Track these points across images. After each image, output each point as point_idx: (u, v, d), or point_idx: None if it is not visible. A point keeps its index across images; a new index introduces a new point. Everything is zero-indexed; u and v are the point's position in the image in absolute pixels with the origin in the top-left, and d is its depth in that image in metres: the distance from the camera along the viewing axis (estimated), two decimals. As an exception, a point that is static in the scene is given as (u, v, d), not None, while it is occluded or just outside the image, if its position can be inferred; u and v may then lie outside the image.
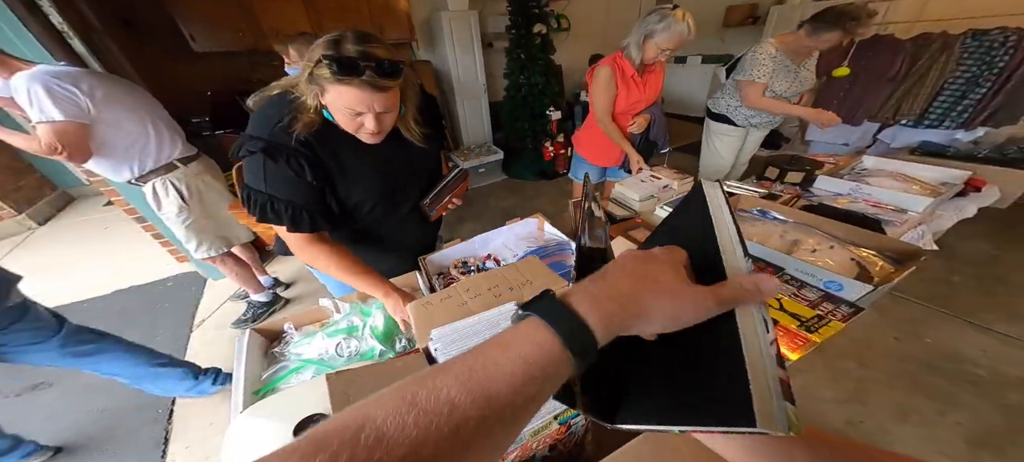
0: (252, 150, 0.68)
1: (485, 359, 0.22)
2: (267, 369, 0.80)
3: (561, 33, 4.14)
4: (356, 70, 0.60)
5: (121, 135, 1.39)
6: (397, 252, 1.03)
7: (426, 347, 0.62)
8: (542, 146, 3.55)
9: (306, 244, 0.79)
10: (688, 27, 1.33)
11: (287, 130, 0.68)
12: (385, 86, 0.64)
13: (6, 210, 3.12)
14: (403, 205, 0.95)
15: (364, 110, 0.66)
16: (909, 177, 1.37)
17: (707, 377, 0.24)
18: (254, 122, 0.72)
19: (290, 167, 0.69)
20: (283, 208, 0.72)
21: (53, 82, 1.20)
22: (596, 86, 1.59)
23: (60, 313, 1.25)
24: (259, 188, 0.71)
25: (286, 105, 0.69)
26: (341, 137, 0.74)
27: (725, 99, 1.92)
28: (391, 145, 0.81)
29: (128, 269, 2.55)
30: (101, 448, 1.47)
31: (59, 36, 1.56)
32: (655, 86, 1.62)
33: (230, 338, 1.94)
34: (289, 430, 0.55)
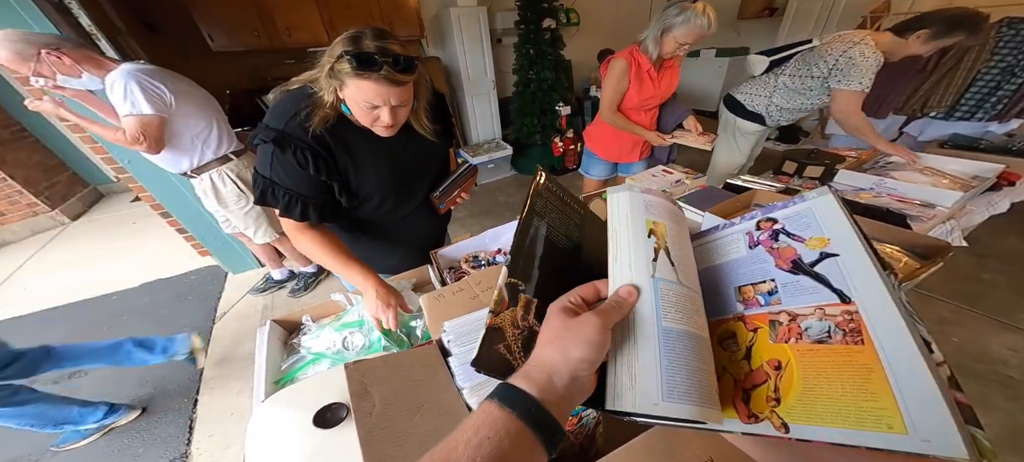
0: (265, 139, 0.73)
1: (455, 443, 0.24)
2: (286, 360, 0.83)
3: (571, 28, 4.10)
4: (375, 65, 0.63)
5: (190, 128, 1.51)
6: (406, 245, 1.06)
7: (439, 339, 0.63)
8: (551, 141, 3.53)
9: (299, 231, 0.84)
10: (708, 21, 1.28)
11: (303, 124, 0.72)
12: (401, 80, 0.67)
13: (40, 206, 3.28)
14: (413, 198, 0.98)
15: (380, 103, 0.69)
16: (938, 171, 1.32)
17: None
18: (271, 113, 0.76)
19: (296, 158, 0.73)
20: (281, 194, 0.76)
21: (144, 79, 1.32)
22: (608, 79, 1.55)
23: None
24: (264, 173, 0.76)
25: (304, 99, 0.73)
26: (355, 131, 0.78)
27: (768, 98, 1.71)
28: (402, 139, 0.84)
29: (154, 263, 2.66)
30: (131, 434, 1.55)
31: (88, 37, 1.63)
32: (670, 82, 1.58)
33: (251, 330, 2.00)
34: (309, 418, 0.57)
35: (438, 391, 0.55)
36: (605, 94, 1.58)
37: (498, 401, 0.25)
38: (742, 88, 1.85)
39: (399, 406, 0.53)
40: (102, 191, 3.99)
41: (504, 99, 3.76)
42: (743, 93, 1.82)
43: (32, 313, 2.26)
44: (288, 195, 0.77)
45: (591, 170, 1.93)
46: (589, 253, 0.41)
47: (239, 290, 2.31)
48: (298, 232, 0.84)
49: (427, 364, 0.60)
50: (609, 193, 0.39)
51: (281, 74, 1.34)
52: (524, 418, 0.25)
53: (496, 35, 3.63)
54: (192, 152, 1.56)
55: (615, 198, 0.38)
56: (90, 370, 1.82)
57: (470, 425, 0.24)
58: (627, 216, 0.36)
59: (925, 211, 1.12)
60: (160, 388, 1.72)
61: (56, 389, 1.72)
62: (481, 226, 1.12)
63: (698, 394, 0.27)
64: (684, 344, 0.29)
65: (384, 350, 0.81)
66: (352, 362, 0.57)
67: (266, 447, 0.56)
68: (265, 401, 0.64)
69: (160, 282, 2.47)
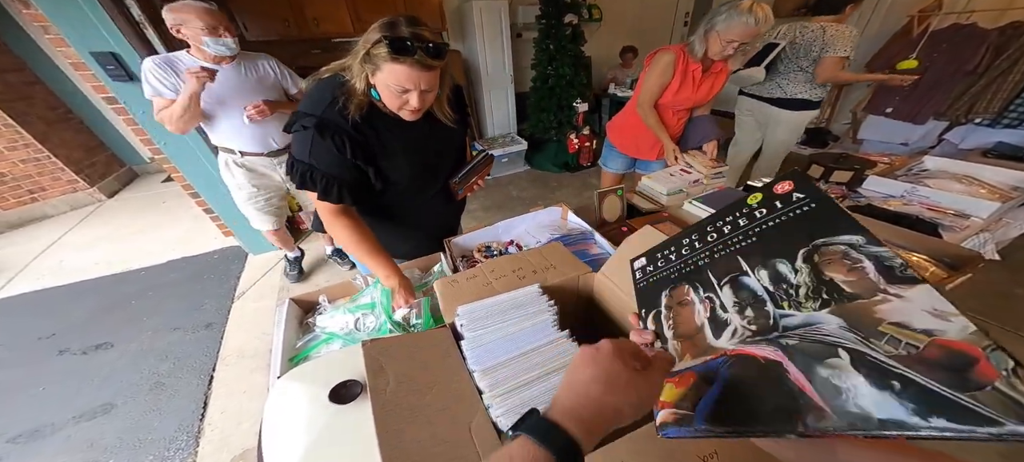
0: (306, 125, 0.76)
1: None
2: (301, 338, 0.86)
3: (592, 24, 4.04)
4: (410, 50, 0.66)
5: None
6: (423, 231, 1.09)
7: (452, 323, 0.64)
8: (567, 138, 3.51)
9: (333, 215, 0.87)
10: (755, 18, 1.19)
11: (341, 111, 0.75)
12: (432, 65, 0.70)
13: (80, 183, 3.47)
14: (434, 183, 1.02)
15: (411, 87, 0.72)
16: (976, 180, 1.25)
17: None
18: (307, 101, 0.80)
19: (334, 143, 0.77)
20: (319, 177, 0.80)
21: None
22: (651, 69, 1.48)
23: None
24: (302, 159, 0.79)
25: (337, 86, 0.76)
26: (385, 118, 0.81)
27: (801, 85, 1.97)
28: (426, 126, 0.88)
29: (181, 241, 2.78)
30: (148, 406, 1.61)
31: (137, 27, 1.71)
32: (710, 89, 1.50)
33: (268, 310, 2.08)
34: (325, 394, 0.60)
35: (450, 373, 0.57)
36: (646, 86, 1.52)
37: (537, 440, 0.25)
38: (775, 82, 2.09)
39: (412, 385, 0.54)
40: (137, 171, 4.19)
41: (521, 94, 3.75)
42: (783, 84, 2.06)
43: (65, 285, 2.40)
44: (326, 179, 0.80)
45: (609, 163, 1.91)
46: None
47: (258, 271, 2.39)
48: (334, 217, 0.87)
49: (440, 346, 0.61)
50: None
51: (308, 63, 1.36)
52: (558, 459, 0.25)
53: (516, 30, 3.61)
54: (278, 133, 1.69)
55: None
56: (116, 342, 1.92)
57: (504, 455, 0.25)
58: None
59: (958, 221, 1.07)
60: (180, 363, 1.79)
61: (85, 360, 1.83)
62: (493, 220, 1.14)
63: None
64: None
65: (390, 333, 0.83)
66: (369, 340, 0.59)
67: (284, 420, 0.59)
68: (283, 377, 0.67)
69: (185, 260, 2.58)
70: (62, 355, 1.87)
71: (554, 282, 0.71)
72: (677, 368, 0.35)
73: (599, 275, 0.72)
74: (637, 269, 0.49)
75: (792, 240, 0.31)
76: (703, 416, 0.29)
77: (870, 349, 0.23)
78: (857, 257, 0.27)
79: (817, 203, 0.31)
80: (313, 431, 0.56)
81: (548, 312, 0.63)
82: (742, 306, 0.33)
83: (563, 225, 1.15)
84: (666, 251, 0.46)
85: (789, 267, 0.31)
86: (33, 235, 3.07)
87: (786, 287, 0.30)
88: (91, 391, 1.67)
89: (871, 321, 0.24)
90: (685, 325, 0.37)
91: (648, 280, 0.46)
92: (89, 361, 1.83)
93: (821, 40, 1.82)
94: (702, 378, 0.32)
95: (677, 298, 0.40)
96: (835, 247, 0.28)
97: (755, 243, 0.34)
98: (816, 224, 0.30)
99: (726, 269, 0.36)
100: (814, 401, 0.23)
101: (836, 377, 0.23)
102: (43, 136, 3.20)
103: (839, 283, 0.27)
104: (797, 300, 0.29)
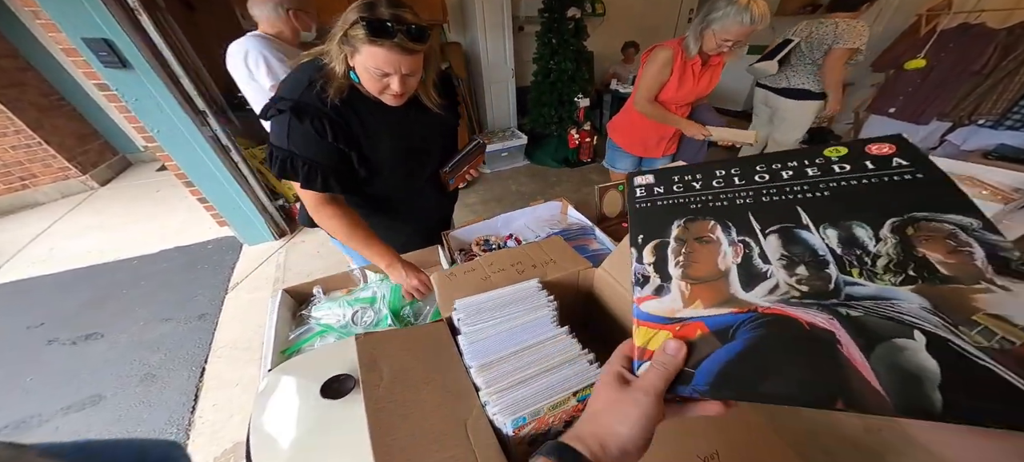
0: (281, 109, 0.73)
1: None
2: (294, 330, 0.84)
3: (595, 18, 4.00)
4: (389, 32, 0.63)
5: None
6: (414, 223, 1.06)
7: (449, 317, 0.62)
8: (567, 133, 3.48)
9: (320, 204, 0.83)
10: (751, 15, 1.17)
11: (319, 94, 0.72)
12: (413, 49, 0.67)
13: (72, 170, 3.42)
14: (421, 172, 0.98)
15: (392, 71, 0.69)
16: (978, 181, 1.24)
17: None
18: (284, 86, 0.76)
19: (314, 127, 0.73)
20: (300, 164, 0.76)
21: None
22: (648, 67, 1.45)
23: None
24: (281, 145, 0.75)
25: (316, 70, 0.73)
26: (367, 102, 0.78)
27: (806, 77, 2.10)
28: (412, 111, 0.85)
29: (174, 230, 2.74)
30: (138, 398, 1.58)
31: (130, 12, 1.67)
32: (710, 81, 1.48)
33: (263, 301, 2.05)
34: (317, 388, 0.58)
35: (446, 368, 0.55)
36: (643, 82, 1.49)
37: (554, 458, 0.27)
38: (797, 76, 2.19)
39: (407, 380, 0.52)
40: (131, 159, 4.13)
41: (522, 88, 3.71)
42: (804, 78, 2.14)
43: (55, 273, 2.36)
44: (308, 165, 0.76)
45: (617, 164, 1.87)
46: None
47: (253, 261, 2.37)
48: (321, 206, 0.84)
49: (436, 341, 0.59)
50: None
51: (306, 52, 1.32)
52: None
53: (518, 22, 3.57)
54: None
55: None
56: (106, 332, 1.89)
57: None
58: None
59: (962, 223, 1.06)
60: (171, 354, 1.77)
61: (74, 350, 1.80)
62: (492, 213, 1.11)
63: None
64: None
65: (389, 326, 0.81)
66: (363, 334, 0.57)
67: (273, 415, 0.57)
68: (274, 370, 0.65)
69: (178, 249, 2.55)
70: (51, 345, 1.84)
71: (553, 277, 0.69)
72: (680, 315, 0.29)
73: (599, 271, 0.70)
74: (640, 185, 0.39)
75: (881, 205, 0.27)
76: (708, 378, 0.25)
77: (957, 336, 0.21)
78: (965, 240, 0.24)
79: (925, 173, 0.27)
80: (303, 427, 0.54)
81: (547, 307, 0.61)
82: (792, 261, 0.28)
83: (563, 220, 1.13)
84: (689, 176, 0.37)
85: (869, 234, 0.27)
86: (23, 223, 3.03)
87: (860, 253, 0.26)
88: (80, 382, 1.64)
89: (966, 308, 0.21)
90: (702, 266, 0.31)
91: (655, 202, 0.37)
92: (78, 351, 1.80)
93: (833, 34, 1.89)
94: (714, 332, 0.27)
95: (696, 232, 0.33)
96: (939, 224, 0.25)
97: (826, 198, 0.30)
98: (918, 196, 0.26)
99: (777, 216, 0.31)
100: (868, 382, 0.21)
101: (903, 359, 0.21)
102: (35, 123, 3.14)
103: (934, 262, 0.24)
104: (872, 269, 0.25)
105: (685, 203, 0.36)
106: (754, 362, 0.25)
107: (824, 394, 0.22)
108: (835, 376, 0.22)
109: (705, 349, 0.27)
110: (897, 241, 0.26)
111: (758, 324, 0.26)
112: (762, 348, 0.25)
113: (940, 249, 0.24)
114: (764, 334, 0.25)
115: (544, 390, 0.50)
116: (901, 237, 0.26)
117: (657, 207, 0.37)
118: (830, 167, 0.31)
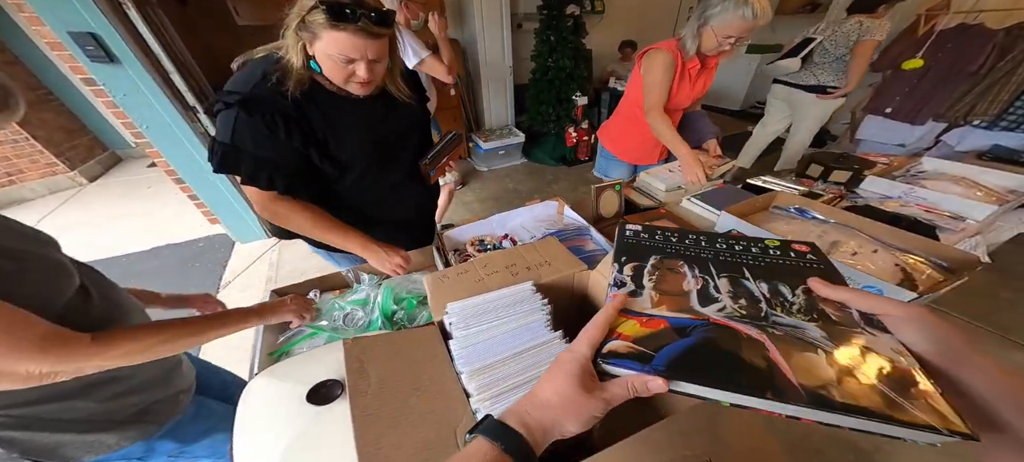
0: (228, 102, 0.68)
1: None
2: (283, 333, 0.82)
3: (594, 16, 3.98)
4: (351, 16, 0.61)
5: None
6: (396, 222, 1.01)
7: (441, 320, 0.61)
8: (565, 131, 3.47)
9: (271, 202, 0.78)
10: (752, 11, 1.10)
11: (275, 88, 0.68)
12: (378, 33, 0.65)
13: (59, 166, 3.36)
14: (397, 166, 0.94)
15: (357, 57, 0.66)
16: (974, 182, 1.25)
17: None
18: (234, 80, 0.71)
19: (264, 122, 0.68)
20: (244, 159, 0.70)
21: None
22: (651, 73, 1.34)
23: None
24: (224, 140, 0.69)
25: (271, 64, 0.69)
26: (332, 95, 0.74)
27: (831, 74, 2.25)
28: (380, 103, 0.82)
29: (165, 228, 2.70)
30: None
31: (117, 5, 1.63)
32: (705, 83, 1.42)
33: (255, 300, 2.02)
34: (303, 393, 0.56)
35: (436, 374, 0.54)
36: (652, 92, 1.35)
37: (489, 437, 0.29)
38: (798, 76, 2.39)
39: (396, 386, 0.51)
40: (120, 155, 4.06)
41: (520, 85, 3.69)
42: (828, 74, 2.29)
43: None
44: (253, 160, 0.71)
45: (611, 173, 1.73)
46: None
47: (246, 260, 2.34)
48: (273, 203, 0.78)
49: (427, 346, 0.58)
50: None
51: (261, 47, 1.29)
52: (512, 455, 0.28)
53: (517, 20, 3.54)
54: None
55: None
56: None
57: (462, 456, 0.29)
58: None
59: (954, 223, 1.06)
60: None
61: None
62: (488, 212, 1.09)
63: None
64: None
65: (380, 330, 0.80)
66: (351, 338, 0.56)
67: (257, 421, 0.56)
68: (259, 374, 0.63)
69: (169, 247, 2.51)
70: (38, 344, 1.80)
71: (548, 279, 0.68)
72: (647, 311, 0.36)
73: (595, 273, 0.69)
74: (630, 230, 0.50)
75: (797, 279, 0.39)
76: (666, 360, 0.31)
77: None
78: (848, 308, 0.34)
79: (825, 266, 0.41)
80: (288, 433, 0.52)
81: (541, 311, 0.60)
82: (736, 295, 0.37)
83: (559, 220, 1.12)
84: (668, 232, 0.49)
85: (789, 291, 0.38)
86: (10, 219, 2.97)
87: (782, 300, 0.36)
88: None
89: (847, 341, 0.31)
90: (670, 285, 0.40)
91: (640, 242, 0.48)
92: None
93: (858, 31, 2.04)
94: (674, 328, 0.34)
95: (668, 265, 0.43)
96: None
97: (762, 267, 0.41)
98: (821, 276, 0.38)
99: (728, 268, 0.42)
100: (788, 378, 0.28)
101: (811, 365, 0.29)
102: (22, 118, 3.07)
103: (829, 312, 0.34)
104: (789, 310, 0.35)
105: (663, 247, 0.46)
106: (704, 354, 0.32)
107: (757, 384, 0.28)
108: (767, 372, 0.29)
109: (665, 340, 0.33)
110: (805, 298, 0.36)
111: (709, 328, 0.34)
112: (712, 344, 0.32)
113: (833, 308, 0.35)
114: (714, 336, 0.33)
115: (537, 397, 0.49)
116: (808, 297, 0.37)
117: (641, 244, 0.47)
118: (768, 251, 0.44)
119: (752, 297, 0.37)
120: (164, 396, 0.70)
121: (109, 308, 0.64)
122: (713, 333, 0.33)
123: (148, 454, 0.68)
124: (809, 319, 0.34)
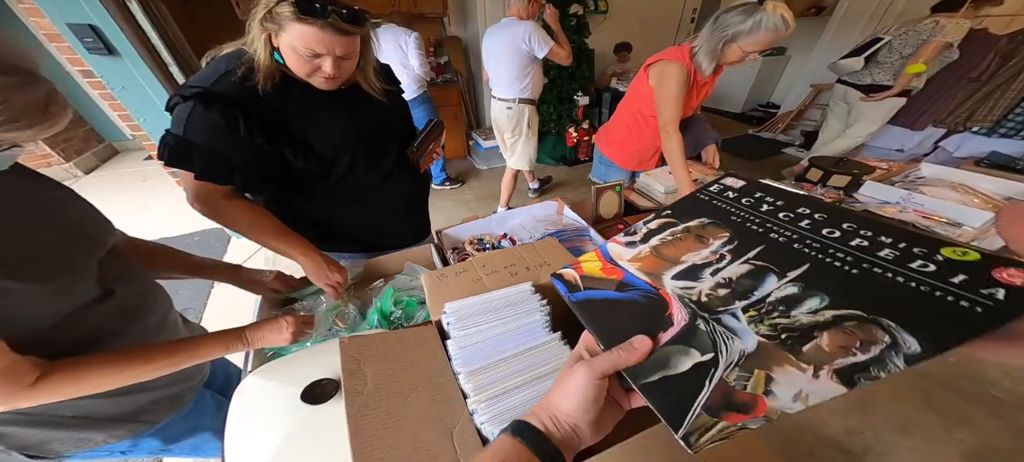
0: (184, 96, 0.65)
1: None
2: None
3: (598, 15, 3.96)
4: (320, 12, 0.60)
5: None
6: (393, 212, 1.00)
7: (438, 320, 0.60)
8: (566, 131, 3.46)
9: (221, 198, 0.74)
10: (783, 20, 1.05)
11: (239, 83, 0.66)
12: (347, 30, 0.64)
13: (55, 158, 3.32)
14: (385, 156, 0.91)
15: (324, 52, 0.65)
16: (970, 189, 1.25)
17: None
18: (197, 75, 0.69)
19: (223, 117, 0.65)
20: (197, 154, 0.66)
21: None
22: (666, 87, 1.27)
23: None
24: (176, 132, 0.66)
25: (235, 59, 0.67)
26: (305, 86, 0.71)
27: (889, 73, 2.20)
28: (359, 97, 0.81)
29: (161, 221, 2.68)
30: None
31: (122, 3, 1.61)
32: (710, 90, 1.41)
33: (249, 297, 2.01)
34: (297, 393, 0.56)
35: (434, 374, 0.53)
36: (667, 107, 1.28)
37: (510, 433, 0.30)
38: (855, 76, 2.34)
39: (392, 386, 0.51)
40: (117, 147, 4.03)
41: (521, 85, 3.67)
42: (886, 73, 2.22)
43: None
44: (207, 155, 0.67)
45: (608, 179, 1.66)
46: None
47: (242, 254, 2.32)
48: (221, 200, 0.74)
49: (425, 345, 0.57)
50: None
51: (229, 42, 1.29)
52: (531, 447, 0.28)
53: (519, 18, 3.53)
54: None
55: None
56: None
57: (487, 452, 0.29)
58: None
59: (951, 229, 1.07)
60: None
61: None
62: (487, 210, 1.09)
63: None
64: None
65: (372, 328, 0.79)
66: (347, 337, 0.55)
67: (250, 420, 0.55)
68: (253, 373, 0.63)
69: (165, 240, 2.49)
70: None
71: (547, 280, 0.67)
72: (620, 263, 0.38)
73: (594, 274, 0.69)
74: (727, 184, 0.42)
75: (872, 302, 0.24)
76: (581, 297, 0.35)
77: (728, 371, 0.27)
78: (894, 368, 0.22)
79: (1015, 310, 0.20)
80: (282, 433, 0.52)
81: (540, 312, 0.59)
82: (725, 285, 0.31)
83: (559, 220, 1.12)
84: (771, 196, 0.38)
85: (810, 307, 0.26)
86: (5, 210, 2.94)
87: (782, 310, 0.27)
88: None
89: (765, 364, 0.25)
90: (674, 250, 0.37)
91: (713, 199, 0.41)
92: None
93: (931, 29, 1.97)
94: (622, 282, 0.36)
95: (698, 232, 0.38)
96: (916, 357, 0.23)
97: (844, 272, 0.27)
98: (959, 325, 0.22)
99: (770, 257, 0.31)
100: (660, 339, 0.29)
101: (686, 359, 0.28)
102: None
103: (823, 347, 0.24)
104: (773, 321, 0.27)
105: (729, 211, 0.39)
106: (612, 311, 0.34)
107: (651, 327, 0.30)
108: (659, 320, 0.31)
109: (604, 287, 0.36)
110: (826, 318, 0.25)
111: (645, 295, 0.34)
112: (625, 306, 0.33)
113: (845, 345, 0.24)
114: (637, 300, 0.34)
115: (534, 399, 0.49)
116: (830, 325, 0.25)
117: (710, 204, 0.41)
118: (914, 257, 0.25)
119: (744, 291, 0.30)
120: (165, 396, 0.69)
121: (121, 315, 0.60)
122: (644, 299, 0.33)
123: (132, 449, 0.67)
124: (770, 335, 0.26)
